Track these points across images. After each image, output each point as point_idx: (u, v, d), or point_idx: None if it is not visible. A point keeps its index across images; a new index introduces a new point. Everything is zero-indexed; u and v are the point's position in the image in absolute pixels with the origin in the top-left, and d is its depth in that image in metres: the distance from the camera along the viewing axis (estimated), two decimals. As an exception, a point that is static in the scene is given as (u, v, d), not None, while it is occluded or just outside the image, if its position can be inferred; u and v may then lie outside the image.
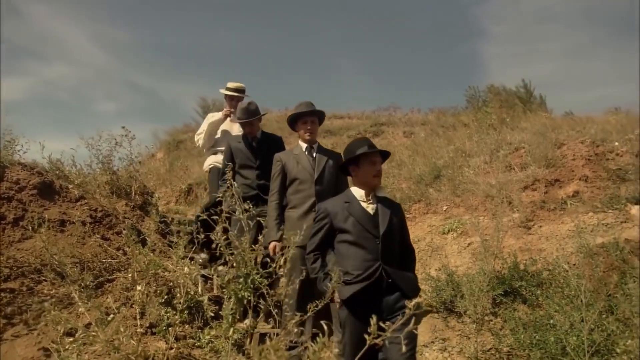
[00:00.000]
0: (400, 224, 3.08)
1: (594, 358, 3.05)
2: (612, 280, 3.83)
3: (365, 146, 3.08)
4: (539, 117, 9.08)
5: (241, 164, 4.51)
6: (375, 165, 3.08)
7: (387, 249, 2.93)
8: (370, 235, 2.94)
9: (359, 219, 2.97)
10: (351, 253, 2.94)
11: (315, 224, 3.12)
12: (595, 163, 6.83)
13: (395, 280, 2.87)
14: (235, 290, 2.14)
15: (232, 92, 5.44)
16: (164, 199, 8.29)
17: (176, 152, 12.24)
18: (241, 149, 4.57)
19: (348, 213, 3.00)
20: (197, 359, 3.16)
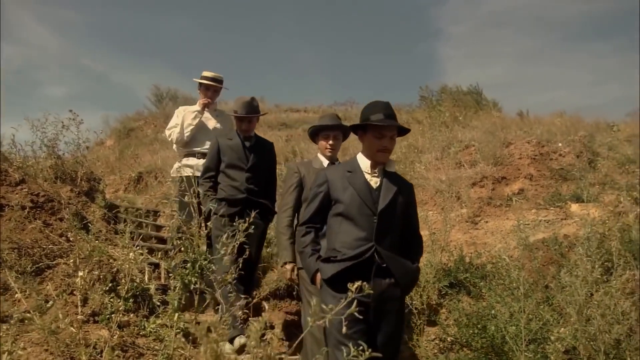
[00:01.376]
0: (406, 204, 2.70)
1: (530, 346, 3.19)
2: (550, 273, 4.01)
3: (380, 114, 2.63)
4: (490, 117, 9.36)
5: (230, 163, 4.03)
6: (383, 139, 2.63)
7: (384, 229, 2.58)
8: (367, 210, 2.58)
9: (359, 191, 2.61)
10: (343, 229, 2.61)
11: (312, 190, 2.81)
12: (539, 162, 7.12)
13: (389, 265, 2.54)
14: (182, 275, 2.10)
15: (208, 81, 4.79)
16: (113, 187, 8.06)
17: (127, 140, 11.93)
18: (232, 146, 4.07)
19: (348, 183, 2.65)
20: (141, 347, 3.10)
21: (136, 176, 8.47)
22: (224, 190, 3.98)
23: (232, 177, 4.01)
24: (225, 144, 4.09)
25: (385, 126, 2.62)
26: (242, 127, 4.09)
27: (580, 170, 6.78)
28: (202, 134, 4.69)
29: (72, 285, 3.22)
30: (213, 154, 4.10)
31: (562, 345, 3.02)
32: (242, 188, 3.96)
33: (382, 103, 2.71)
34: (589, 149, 7.47)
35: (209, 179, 4.04)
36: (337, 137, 3.57)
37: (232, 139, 4.12)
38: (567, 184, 6.67)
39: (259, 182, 4.06)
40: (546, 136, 7.80)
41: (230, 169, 4.02)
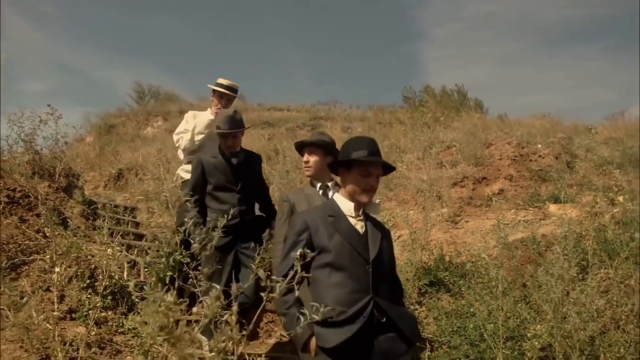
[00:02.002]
0: (389, 250, 2.51)
1: (508, 343, 3.23)
2: (527, 272, 4.06)
3: (365, 151, 2.38)
4: (471, 118, 9.46)
5: (217, 184, 3.66)
6: (369, 178, 2.39)
7: (379, 278, 2.32)
8: (360, 259, 2.31)
9: (347, 237, 2.34)
10: (334, 281, 2.26)
11: (289, 239, 2.42)
12: (519, 163, 7.22)
13: (392, 318, 2.27)
14: (158, 270, 2.08)
15: (224, 89, 4.49)
16: (92, 184, 7.95)
17: (107, 137, 11.78)
18: (218, 166, 3.70)
19: (333, 229, 2.35)
20: (119, 344, 3.06)
21: (116, 173, 8.37)
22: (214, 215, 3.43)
23: (221, 200, 3.65)
24: (210, 163, 3.72)
25: (373, 163, 2.38)
26: (228, 143, 3.72)
27: (559, 172, 6.89)
28: (210, 143, 4.30)
29: (48, 281, 3.17)
30: (198, 175, 3.72)
31: (539, 343, 3.07)
32: (235, 212, 3.48)
33: (366, 139, 2.47)
34: (567, 151, 7.59)
35: (194, 203, 3.58)
36: (312, 153, 3.18)
37: (216, 156, 3.74)
38: (545, 185, 6.77)
39: (250, 200, 3.80)
40: (526, 138, 7.91)
41: (219, 191, 3.67)
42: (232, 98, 4.57)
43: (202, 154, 3.84)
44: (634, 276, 3.36)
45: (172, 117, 12.97)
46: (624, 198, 5.50)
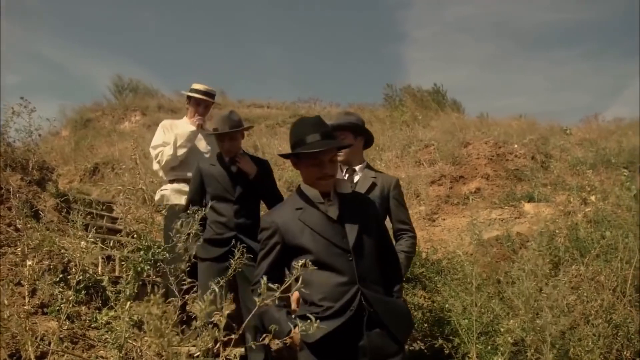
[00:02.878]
0: (375, 224, 2.26)
1: (481, 337, 3.28)
2: (502, 268, 4.13)
3: (315, 134, 2.13)
4: (450, 117, 9.57)
5: (215, 194, 3.38)
6: (322, 166, 2.14)
7: (363, 265, 2.11)
8: (338, 249, 2.10)
9: (320, 229, 2.12)
10: (317, 277, 2.04)
11: (261, 244, 2.22)
12: (496, 163, 7.34)
13: (379, 312, 2.08)
14: (134, 263, 2.06)
15: (200, 95, 4.09)
16: (67, 178, 7.82)
17: (84, 131, 11.59)
18: (216, 174, 3.41)
19: (302, 223, 2.13)
20: (92, 339, 3.02)
21: (92, 167, 8.24)
22: (211, 227, 3.36)
23: (218, 212, 3.36)
24: (208, 172, 3.45)
25: (320, 151, 2.11)
26: (225, 147, 3.41)
27: (534, 171, 7.02)
28: (193, 157, 3.97)
29: (19, 275, 3.11)
30: (196, 185, 3.47)
31: (512, 337, 3.12)
32: (231, 224, 3.33)
33: (312, 120, 2.23)
34: (542, 151, 7.75)
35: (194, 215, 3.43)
36: (342, 137, 2.91)
37: (214, 164, 3.47)
38: (521, 184, 6.89)
39: (252, 213, 3.44)
40: (503, 138, 8.04)
41: (216, 202, 3.36)
42: (209, 104, 4.18)
43: (201, 162, 3.56)
44: (604, 273, 3.44)
45: (150, 112, 12.83)
46: (596, 197, 5.62)
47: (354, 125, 3.00)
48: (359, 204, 2.26)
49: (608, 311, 3.19)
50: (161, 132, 4.10)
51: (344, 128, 2.95)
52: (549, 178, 6.88)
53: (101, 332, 3.17)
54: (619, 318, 3.15)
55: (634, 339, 3.06)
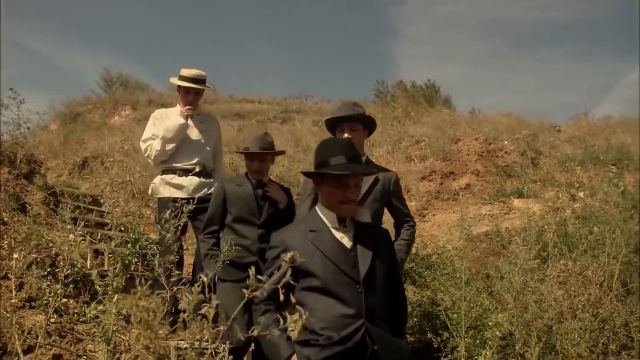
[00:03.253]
0: (388, 260, 2.15)
1: (470, 331, 3.30)
2: (491, 263, 4.16)
3: (342, 157, 2.07)
4: (441, 114, 9.59)
5: (238, 216, 3.24)
6: (347, 190, 2.06)
7: (372, 300, 2.01)
8: (347, 279, 2.00)
9: (331, 255, 2.03)
10: (321, 305, 1.98)
11: (268, 263, 2.16)
12: (486, 159, 7.37)
13: (381, 351, 1.97)
14: (122, 256, 2.04)
15: (188, 82, 3.85)
16: (56, 172, 7.75)
17: (73, 125, 11.48)
18: (242, 195, 3.26)
19: (314, 247, 2.05)
20: (80, 333, 3.00)
21: (81, 161, 8.17)
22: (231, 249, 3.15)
23: (241, 234, 3.21)
24: (233, 192, 3.29)
25: (347, 175, 2.05)
26: (254, 167, 3.27)
27: (524, 168, 7.06)
28: (184, 147, 3.86)
29: (6, 268, 3.08)
30: (218, 204, 3.30)
31: (500, 331, 3.15)
32: (254, 248, 3.18)
33: (341, 142, 2.21)
34: (532, 148, 7.79)
35: (211, 234, 3.28)
36: (354, 128, 2.91)
37: (241, 185, 3.33)
38: (511, 180, 6.94)
39: None
40: (493, 134, 8.08)
41: (238, 224, 3.24)
42: (200, 91, 3.96)
43: (226, 182, 3.43)
44: (591, 268, 3.48)
45: (140, 107, 12.74)
46: (585, 194, 5.68)
47: (365, 117, 2.97)
48: (374, 235, 2.16)
49: (595, 305, 3.23)
50: (151, 125, 3.94)
51: (355, 119, 2.93)
52: (539, 174, 6.93)
53: (90, 326, 3.16)
54: (605, 312, 3.19)
55: (620, 333, 3.10)
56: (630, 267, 3.66)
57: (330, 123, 3.03)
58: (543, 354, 3.02)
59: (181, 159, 3.84)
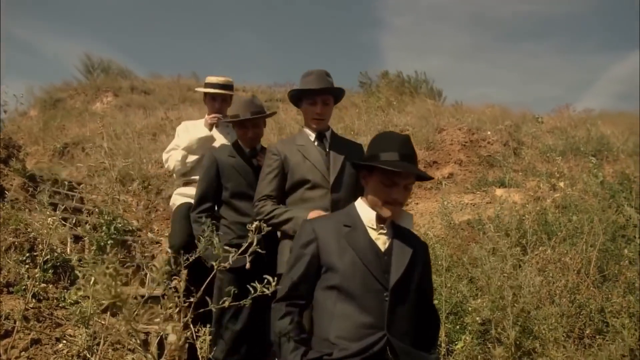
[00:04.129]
0: (423, 273, 1.96)
1: (450, 317, 3.34)
2: (471, 250, 4.20)
3: (394, 153, 1.90)
4: (425, 104, 9.62)
5: (235, 190, 2.96)
6: (394, 189, 1.90)
7: (398, 311, 1.81)
8: (376, 284, 1.81)
9: (363, 255, 1.85)
10: (340, 310, 1.79)
11: (294, 250, 1.98)
12: (469, 149, 7.43)
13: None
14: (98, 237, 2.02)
15: (216, 89, 3.61)
16: (35, 157, 7.62)
17: (53, 111, 11.27)
18: (237, 167, 2.99)
19: (346, 243, 1.88)
20: (59, 318, 2.97)
21: (61, 147, 8.04)
22: (231, 229, 2.94)
23: (239, 211, 2.95)
24: (226, 163, 3.02)
25: (401, 173, 1.88)
26: (248, 135, 3.02)
27: (506, 158, 7.13)
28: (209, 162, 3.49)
29: (-17, 253, 3.04)
30: (210, 177, 3.01)
31: (480, 317, 3.19)
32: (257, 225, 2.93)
33: (399, 138, 1.97)
34: (514, 138, 7.87)
35: (205, 212, 2.98)
36: (326, 102, 2.66)
37: (234, 156, 3.05)
38: (493, 170, 7.00)
39: None
40: (476, 124, 8.13)
41: (237, 199, 2.96)
42: (227, 98, 3.68)
43: (217, 152, 3.13)
44: (569, 255, 3.53)
45: (123, 93, 12.57)
46: (565, 184, 5.76)
47: (340, 90, 2.73)
48: (413, 244, 1.95)
49: (572, 291, 3.29)
50: (176, 135, 3.69)
51: (329, 92, 2.67)
52: (520, 164, 7.01)
53: (69, 312, 3.13)
54: (582, 298, 3.25)
55: (595, 318, 3.16)
56: (607, 255, 3.72)
57: (299, 93, 2.69)
58: (521, 339, 3.07)
59: (222, 151, 3.47)
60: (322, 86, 2.61)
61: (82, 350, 2.42)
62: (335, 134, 2.79)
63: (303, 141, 2.68)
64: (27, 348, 2.59)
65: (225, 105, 3.67)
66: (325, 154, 2.64)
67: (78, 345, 2.41)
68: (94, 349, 2.33)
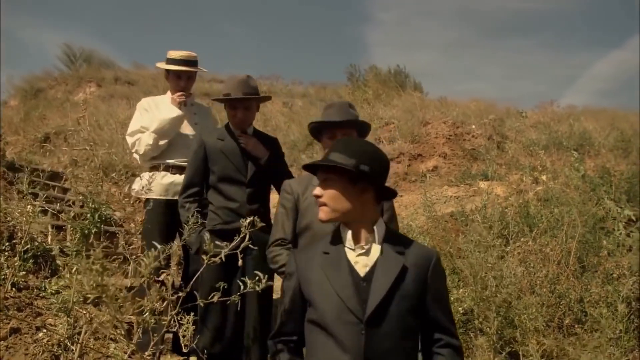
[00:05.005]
0: (422, 296, 1.62)
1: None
2: (454, 241, 4.24)
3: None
4: (411, 97, 9.66)
5: (223, 175, 2.85)
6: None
7: (378, 346, 1.57)
8: (351, 316, 1.58)
9: (336, 283, 1.61)
10: (320, 345, 1.62)
11: (284, 285, 1.87)
12: (453, 142, 7.48)
13: None
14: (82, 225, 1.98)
15: (179, 65, 3.34)
16: (16, 147, 7.49)
17: (34, 101, 11.09)
18: (226, 150, 2.85)
19: (322, 272, 1.66)
20: (40, 307, 2.94)
21: (42, 137, 7.92)
22: (218, 214, 2.84)
23: (228, 196, 2.84)
24: (214, 147, 2.87)
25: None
26: (238, 116, 2.85)
27: (490, 151, 7.20)
28: (178, 141, 3.35)
29: (-39, 242, 2.98)
30: (198, 162, 2.89)
31: (462, 307, 3.23)
32: (243, 211, 2.74)
33: None
34: (498, 132, 7.94)
35: (192, 197, 2.87)
36: (348, 136, 2.33)
37: (223, 139, 2.90)
38: (477, 163, 7.07)
39: (265, 198, 2.95)
40: (461, 118, 8.19)
41: (224, 183, 2.85)
42: (192, 74, 3.44)
43: (205, 135, 2.98)
44: (550, 245, 3.58)
45: (106, 84, 12.40)
46: (547, 177, 5.83)
47: (363, 124, 2.47)
48: (406, 261, 1.62)
49: (552, 282, 3.34)
50: (138, 116, 3.42)
51: (351, 125, 2.40)
52: (504, 158, 7.08)
53: (50, 301, 3.10)
54: (562, 288, 3.30)
55: (575, 307, 3.21)
56: (586, 246, 3.78)
57: (319, 126, 2.45)
58: (502, 328, 3.11)
59: (174, 154, 3.34)
60: (343, 119, 2.35)
61: (63, 340, 2.39)
62: None
63: None
64: (6, 337, 2.56)
65: (191, 82, 3.46)
66: None
67: (59, 334, 2.38)
68: (75, 338, 2.30)
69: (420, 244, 1.74)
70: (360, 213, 1.65)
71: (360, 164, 1.60)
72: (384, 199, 1.82)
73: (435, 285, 1.66)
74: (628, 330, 2.97)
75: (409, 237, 1.77)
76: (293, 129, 8.13)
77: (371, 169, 1.61)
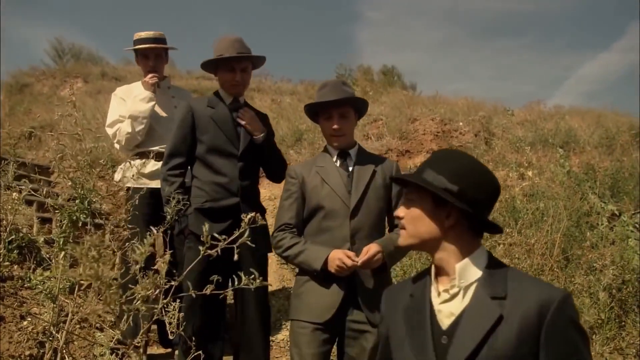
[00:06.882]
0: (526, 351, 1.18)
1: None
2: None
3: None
4: (399, 94, 9.70)
5: (212, 145, 2.61)
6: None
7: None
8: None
9: (416, 349, 1.32)
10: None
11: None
12: (441, 139, 7.52)
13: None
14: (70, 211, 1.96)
15: (146, 44, 3.22)
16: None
17: (19, 96, 10.97)
18: (217, 118, 2.62)
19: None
20: (25, 297, 2.92)
21: (28, 131, 7.84)
22: (205, 190, 2.60)
23: (216, 169, 2.60)
24: (203, 115, 2.62)
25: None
26: (236, 78, 2.62)
27: (477, 148, 7.25)
28: (157, 126, 3.23)
29: (-56, 230, 2.95)
30: (185, 130, 2.62)
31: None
32: (234, 188, 2.57)
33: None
34: (486, 129, 8.00)
35: (177, 170, 2.63)
36: (345, 114, 2.28)
37: (214, 106, 2.65)
38: (464, 160, 7.12)
39: (255, 175, 2.76)
40: (449, 115, 8.24)
41: (213, 155, 2.61)
42: (161, 52, 3.29)
43: (193, 101, 2.74)
44: (535, 237, 3.63)
45: (93, 80, 12.30)
46: (533, 173, 5.90)
47: (358, 100, 2.36)
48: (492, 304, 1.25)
49: (537, 272, 3.38)
50: (115, 105, 3.31)
51: (347, 103, 2.30)
52: (491, 155, 7.13)
53: (35, 292, 3.08)
54: (546, 279, 3.34)
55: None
56: (570, 239, 3.84)
57: (313, 108, 2.35)
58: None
59: (154, 141, 3.23)
60: (338, 97, 2.24)
61: (48, 327, 2.38)
62: (363, 150, 2.39)
63: (323, 162, 2.31)
64: (-10, 326, 2.54)
65: (160, 62, 3.30)
66: (348, 175, 2.26)
67: (45, 320, 2.36)
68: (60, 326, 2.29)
69: (540, 283, 1.28)
70: (447, 244, 1.31)
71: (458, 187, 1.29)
72: (486, 231, 1.40)
73: (555, 344, 1.17)
74: (610, 319, 3.02)
75: (524, 273, 1.34)
76: (282, 125, 8.12)
77: (461, 190, 1.28)
